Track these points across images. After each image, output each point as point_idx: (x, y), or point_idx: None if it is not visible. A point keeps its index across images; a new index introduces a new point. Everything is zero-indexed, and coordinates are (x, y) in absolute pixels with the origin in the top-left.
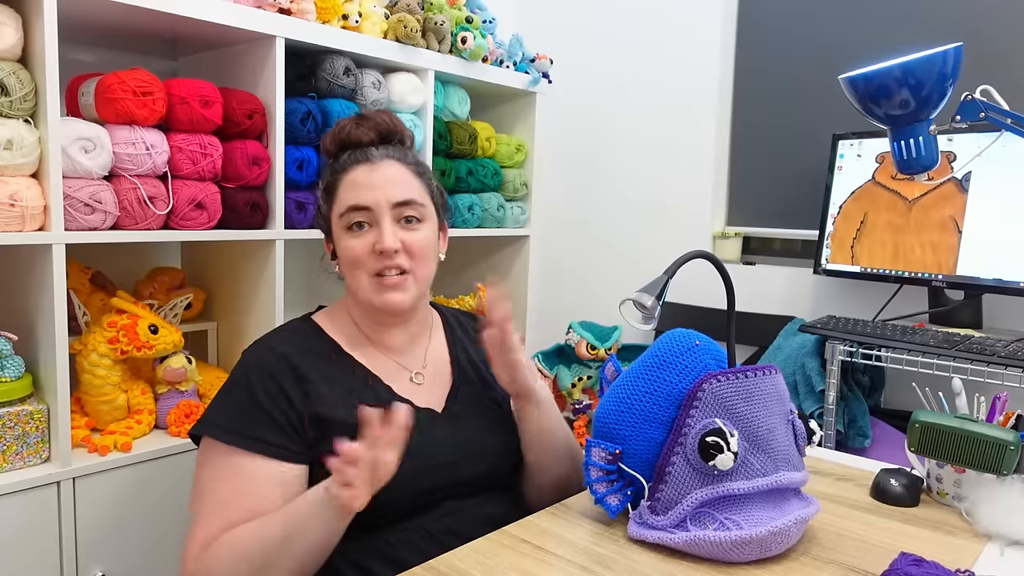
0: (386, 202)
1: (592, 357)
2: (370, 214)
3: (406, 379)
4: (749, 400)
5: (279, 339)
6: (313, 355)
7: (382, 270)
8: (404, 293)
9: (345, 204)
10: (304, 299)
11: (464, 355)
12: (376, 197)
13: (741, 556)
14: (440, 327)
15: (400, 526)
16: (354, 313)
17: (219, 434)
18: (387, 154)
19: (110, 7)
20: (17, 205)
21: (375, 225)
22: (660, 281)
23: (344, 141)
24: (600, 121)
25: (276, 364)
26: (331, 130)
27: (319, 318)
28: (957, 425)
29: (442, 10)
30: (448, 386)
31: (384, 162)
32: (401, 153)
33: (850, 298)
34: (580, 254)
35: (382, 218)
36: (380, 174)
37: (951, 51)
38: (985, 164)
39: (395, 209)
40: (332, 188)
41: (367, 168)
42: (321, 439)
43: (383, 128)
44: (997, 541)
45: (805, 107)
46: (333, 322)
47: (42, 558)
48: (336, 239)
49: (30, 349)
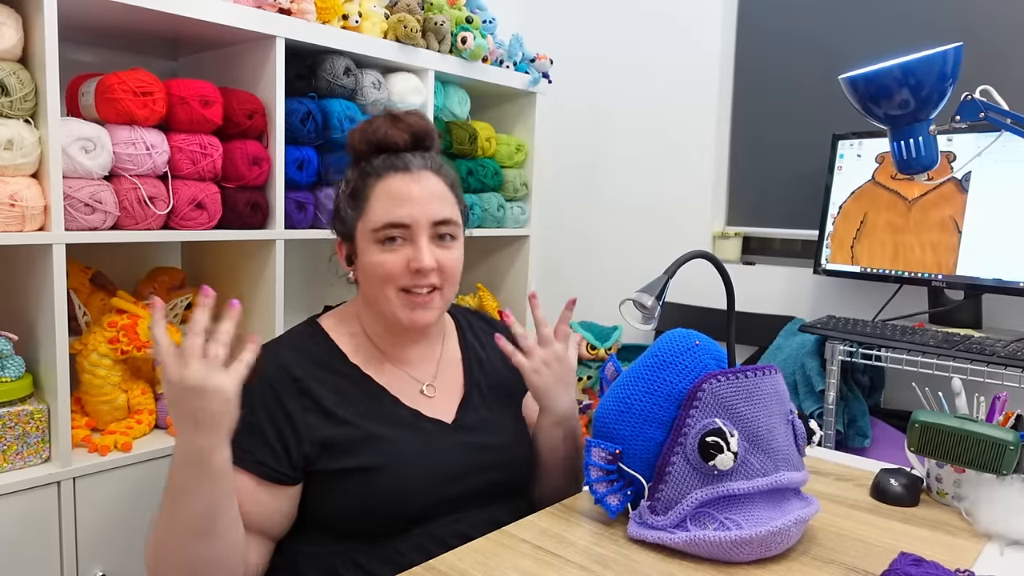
0: (426, 220)
1: (592, 357)
2: (407, 231)
3: (416, 391)
4: (749, 400)
5: (283, 346)
6: (317, 364)
7: (413, 287)
8: (432, 312)
9: (381, 220)
10: (304, 299)
11: (476, 361)
12: (416, 214)
13: (741, 556)
14: (453, 333)
15: (411, 533)
16: (367, 322)
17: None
18: (425, 164)
19: (110, 7)
20: (17, 205)
21: (410, 241)
22: (660, 281)
23: (379, 142)
24: (600, 121)
25: (277, 375)
26: (359, 127)
27: (326, 323)
28: (957, 425)
29: (442, 10)
30: (459, 396)
31: (423, 174)
32: (436, 164)
33: (850, 298)
34: (580, 254)
35: (419, 236)
36: (420, 188)
37: (951, 51)
38: (985, 164)
39: (433, 227)
40: (362, 194)
41: (406, 179)
42: (322, 454)
43: (417, 130)
44: (997, 541)
45: (805, 107)
46: (340, 328)
47: (42, 558)
48: (361, 249)
49: (30, 349)
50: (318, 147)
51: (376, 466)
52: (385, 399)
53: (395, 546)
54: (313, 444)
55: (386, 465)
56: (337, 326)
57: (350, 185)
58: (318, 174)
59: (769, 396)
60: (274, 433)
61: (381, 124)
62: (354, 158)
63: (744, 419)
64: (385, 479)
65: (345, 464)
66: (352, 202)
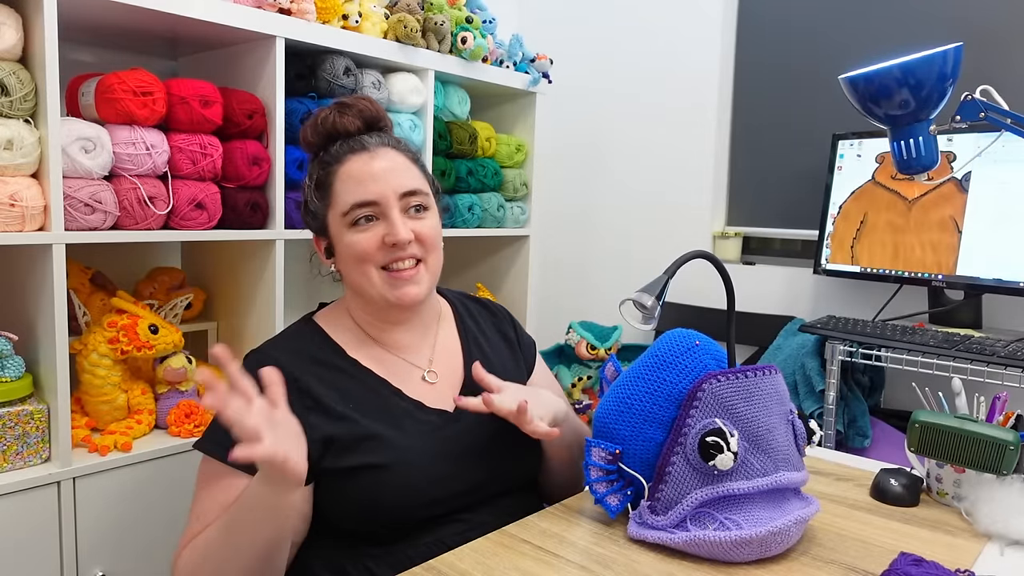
0: (392, 193)
1: (592, 357)
2: (377, 208)
3: (417, 379)
4: (749, 400)
5: (278, 347)
6: (314, 362)
7: (392, 262)
8: (419, 286)
9: (348, 202)
10: (304, 299)
11: (476, 346)
12: (382, 189)
13: (741, 556)
14: (450, 317)
15: (421, 540)
16: (356, 313)
17: (210, 448)
18: (382, 142)
19: (110, 7)
20: (17, 205)
21: (382, 218)
22: (660, 281)
23: (329, 132)
24: (600, 121)
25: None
26: (309, 123)
27: (320, 319)
28: (957, 425)
29: (442, 10)
30: (460, 382)
31: (381, 150)
32: (394, 140)
33: (850, 298)
34: (580, 254)
35: (390, 210)
36: (380, 164)
37: (951, 51)
38: (985, 164)
39: (402, 199)
40: (325, 183)
41: (365, 157)
42: (326, 453)
43: (368, 115)
44: (997, 541)
45: (805, 107)
46: (335, 323)
47: (42, 558)
48: (336, 236)
49: (30, 349)
50: None
51: (381, 464)
52: (386, 392)
53: (406, 551)
54: (315, 443)
55: (391, 463)
56: (331, 321)
57: (313, 178)
58: None
59: (769, 396)
60: None
61: (328, 113)
62: (312, 153)
63: (744, 419)
64: (391, 476)
65: (350, 463)
66: (318, 193)
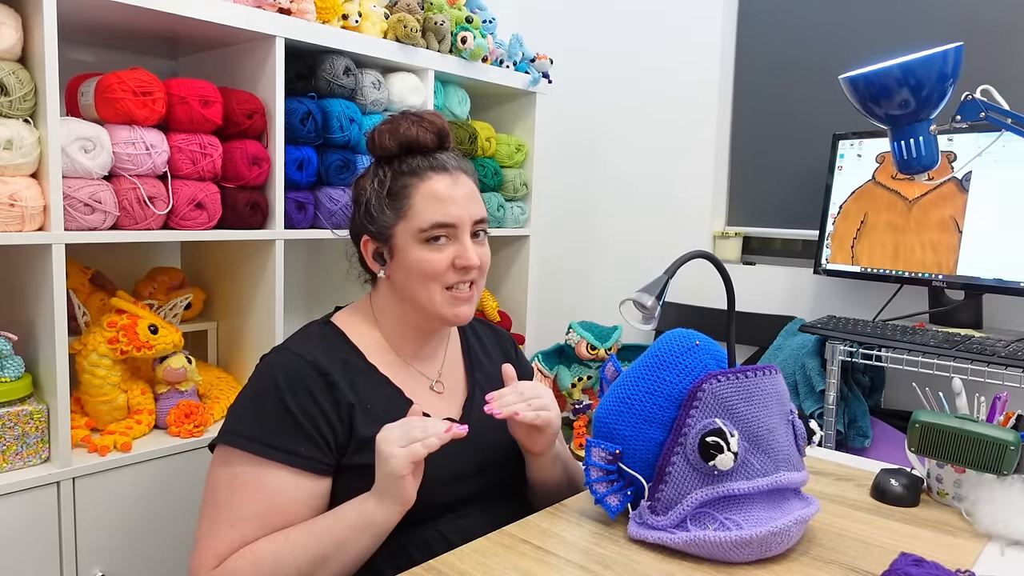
0: (469, 219)
1: (592, 357)
2: (453, 230)
3: (426, 388)
4: (749, 400)
5: (306, 345)
6: (342, 363)
7: (457, 283)
8: (472, 306)
9: (429, 220)
10: (304, 299)
11: (478, 362)
12: (461, 214)
13: (741, 556)
14: (456, 334)
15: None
16: (387, 319)
17: (243, 443)
18: (460, 167)
19: (110, 7)
20: (17, 205)
21: (454, 240)
22: (660, 281)
23: (410, 143)
24: (600, 121)
25: (307, 371)
26: (385, 128)
27: (340, 322)
28: (957, 425)
29: (442, 10)
30: (464, 395)
31: (461, 176)
32: (466, 165)
33: (850, 298)
34: (580, 254)
35: (463, 235)
36: (462, 190)
37: (951, 51)
38: (985, 164)
39: (474, 226)
40: (401, 195)
41: (448, 181)
42: (347, 448)
43: (441, 130)
44: (997, 541)
45: (805, 107)
46: (355, 327)
47: (42, 558)
48: (402, 247)
49: (30, 349)
50: (318, 147)
51: None
52: (399, 401)
53: (400, 540)
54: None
55: None
56: (352, 326)
57: (385, 185)
58: (318, 174)
59: (769, 396)
60: (311, 426)
61: (406, 123)
62: (383, 158)
63: (744, 419)
64: None
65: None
66: (390, 202)
